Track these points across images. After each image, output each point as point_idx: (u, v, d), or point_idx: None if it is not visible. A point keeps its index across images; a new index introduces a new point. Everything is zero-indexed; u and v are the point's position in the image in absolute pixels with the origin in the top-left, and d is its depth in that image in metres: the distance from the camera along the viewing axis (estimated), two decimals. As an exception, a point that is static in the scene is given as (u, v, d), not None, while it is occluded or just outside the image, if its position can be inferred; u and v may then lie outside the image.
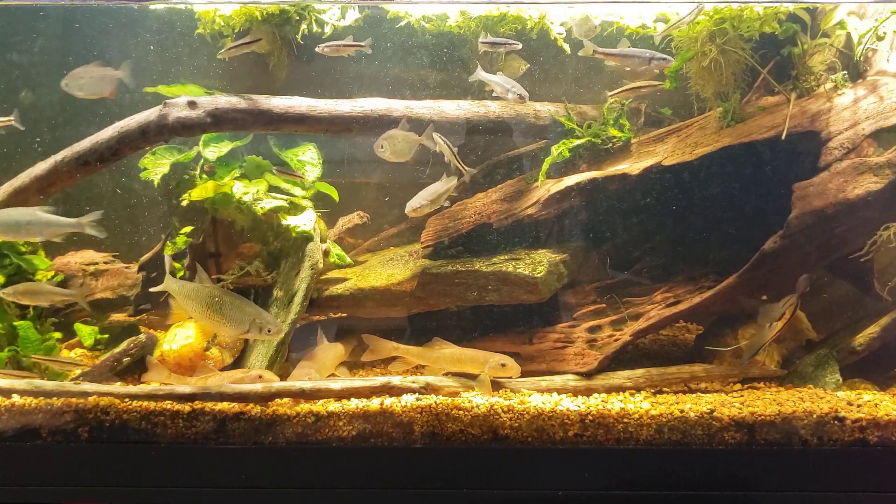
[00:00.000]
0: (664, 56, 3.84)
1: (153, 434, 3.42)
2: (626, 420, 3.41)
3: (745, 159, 4.06)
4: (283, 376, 4.03)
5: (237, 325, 3.38)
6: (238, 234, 4.56)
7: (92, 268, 4.74)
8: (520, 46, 4.10)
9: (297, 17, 4.47)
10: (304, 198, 4.48)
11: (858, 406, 3.45)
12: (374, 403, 3.49)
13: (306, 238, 4.29)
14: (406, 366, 3.91)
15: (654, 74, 4.03)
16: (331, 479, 3.40)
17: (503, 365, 3.70)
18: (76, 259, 4.75)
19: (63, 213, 4.82)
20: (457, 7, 4.43)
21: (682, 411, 3.42)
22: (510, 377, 3.73)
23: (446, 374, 3.77)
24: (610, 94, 4.12)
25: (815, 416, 3.37)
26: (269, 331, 3.39)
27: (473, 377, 3.72)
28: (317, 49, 4.08)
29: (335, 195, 4.64)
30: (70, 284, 4.57)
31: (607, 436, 3.42)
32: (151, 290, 3.81)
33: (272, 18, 4.42)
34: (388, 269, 4.52)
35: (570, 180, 4.22)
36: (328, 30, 4.53)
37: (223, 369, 4.02)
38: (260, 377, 3.74)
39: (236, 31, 4.50)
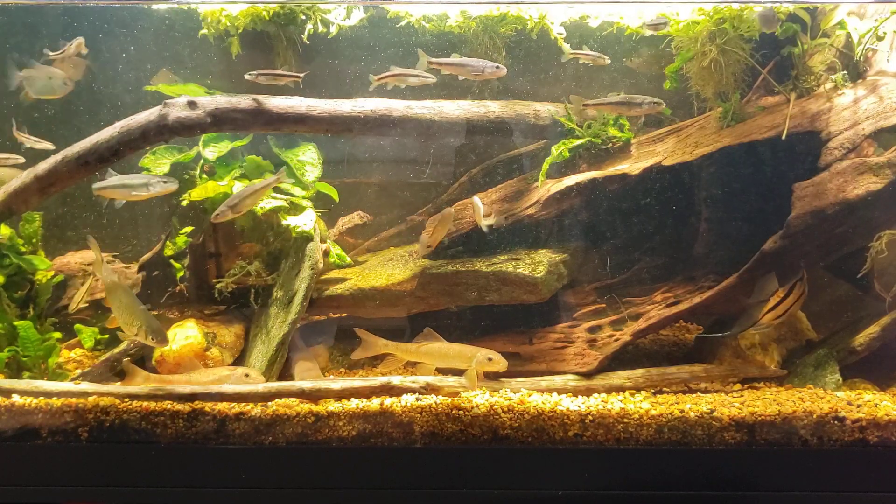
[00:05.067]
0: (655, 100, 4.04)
1: (153, 434, 3.42)
2: (626, 420, 3.41)
3: (745, 159, 4.06)
4: (284, 376, 4.05)
5: (129, 325, 3.65)
6: (238, 234, 4.57)
7: (92, 268, 4.74)
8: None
9: (303, 17, 4.48)
10: (304, 198, 4.48)
11: (858, 406, 3.45)
12: (374, 403, 3.49)
13: (306, 238, 4.29)
14: (397, 363, 3.91)
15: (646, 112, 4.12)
16: (331, 479, 3.40)
17: (490, 359, 3.69)
18: (76, 259, 4.75)
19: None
20: (457, 7, 4.43)
21: (682, 411, 3.42)
22: (497, 371, 3.73)
23: (436, 370, 3.78)
24: (586, 103, 4.15)
25: (815, 416, 3.37)
26: (153, 339, 3.61)
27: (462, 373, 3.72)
28: (247, 76, 4.06)
29: (335, 195, 4.65)
30: (70, 285, 4.57)
31: (607, 436, 3.42)
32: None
33: (277, 18, 4.43)
34: (388, 269, 4.52)
35: (570, 180, 4.23)
36: (333, 29, 4.53)
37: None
38: (246, 375, 3.74)
39: (240, 31, 4.50)
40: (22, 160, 4.21)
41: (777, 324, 3.70)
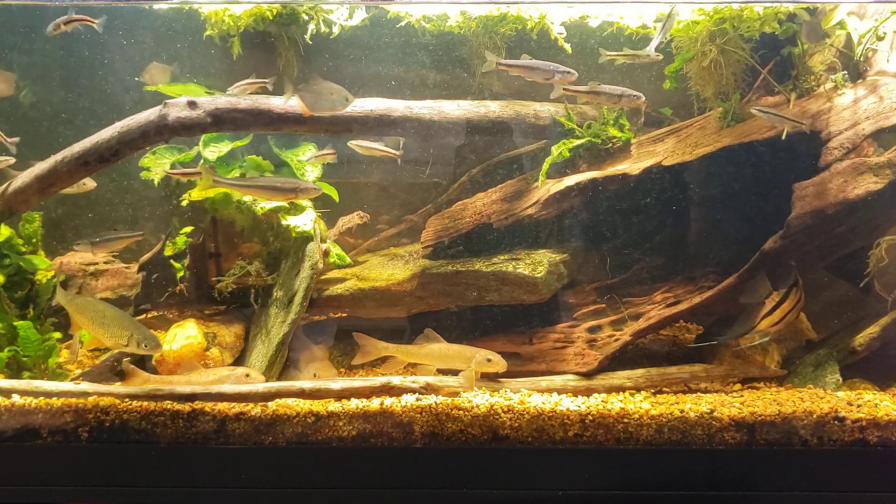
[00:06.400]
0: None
1: (153, 434, 3.42)
2: (626, 420, 3.41)
3: (745, 159, 4.06)
4: (284, 376, 4.05)
5: (117, 337, 3.61)
6: (238, 234, 4.57)
7: (92, 268, 4.74)
8: None
9: (305, 18, 4.48)
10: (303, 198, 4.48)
11: (858, 406, 3.45)
12: (374, 403, 3.49)
13: (306, 238, 4.29)
14: (398, 364, 3.91)
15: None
16: (331, 479, 3.40)
17: (489, 360, 3.70)
18: (76, 259, 4.75)
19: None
20: (457, 7, 4.43)
21: (682, 411, 3.42)
22: (496, 372, 3.74)
23: (436, 370, 3.78)
24: (566, 88, 4.10)
25: (815, 416, 3.37)
26: (146, 346, 3.58)
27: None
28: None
29: (335, 195, 4.64)
30: (71, 285, 4.57)
31: (607, 436, 3.42)
32: (52, 304, 4.05)
33: (280, 18, 4.44)
34: (388, 269, 4.52)
35: (570, 180, 4.22)
36: (336, 30, 4.53)
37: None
38: (247, 375, 3.74)
39: (240, 30, 4.50)
40: (13, 161, 4.20)
41: (773, 332, 3.71)
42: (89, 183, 4.43)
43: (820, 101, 3.94)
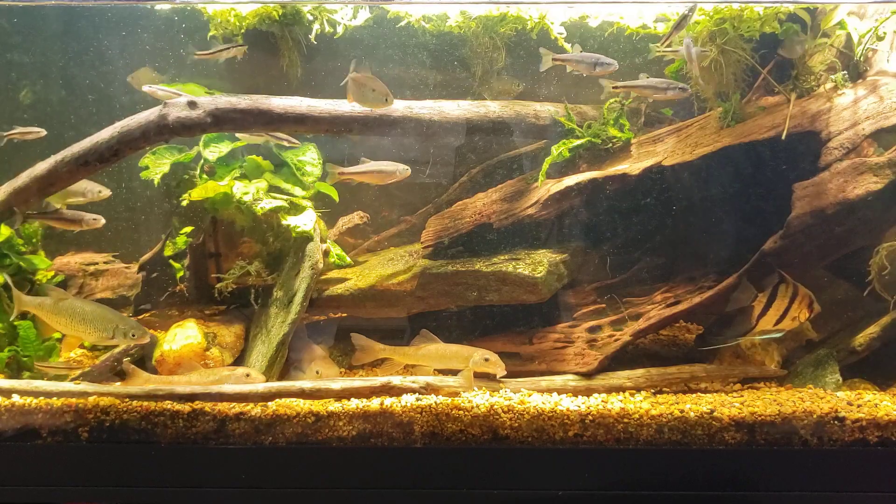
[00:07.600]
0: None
1: (153, 434, 3.42)
2: (626, 420, 3.41)
3: (746, 159, 4.06)
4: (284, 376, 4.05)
5: (101, 332, 3.51)
6: (238, 234, 4.57)
7: (92, 268, 4.74)
8: None
9: (310, 18, 4.48)
10: (304, 198, 4.49)
11: (858, 406, 3.45)
12: (374, 403, 3.49)
13: (306, 238, 4.29)
14: (396, 366, 3.91)
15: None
16: (331, 479, 3.40)
17: (486, 360, 3.71)
18: (76, 259, 4.75)
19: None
20: (457, 7, 4.43)
21: (682, 411, 3.42)
22: (494, 372, 3.73)
23: (435, 371, 3.79)
24: (615, 85, 4.14)
25: (815, 416, 3.38)
26: (133, 335, 3.49)
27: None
28: None
29: (335, 195, 4.64)
30: (70, 285, 4.57)
31: (607, 436, 3.42)
32: (13, 319, 3.88)
33: (284, 18, 4.44)
34: (388, 269, 4.52)
35: (570, 180, 4.23)
36: (340, 30, 4.53)
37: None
38: (247, 375, 3.74)
39: (243, 31, 4.50)
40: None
41: (785, 329, 3.70)
42: (104, 192, 4.36)
43: (820, 101, 3.94)
